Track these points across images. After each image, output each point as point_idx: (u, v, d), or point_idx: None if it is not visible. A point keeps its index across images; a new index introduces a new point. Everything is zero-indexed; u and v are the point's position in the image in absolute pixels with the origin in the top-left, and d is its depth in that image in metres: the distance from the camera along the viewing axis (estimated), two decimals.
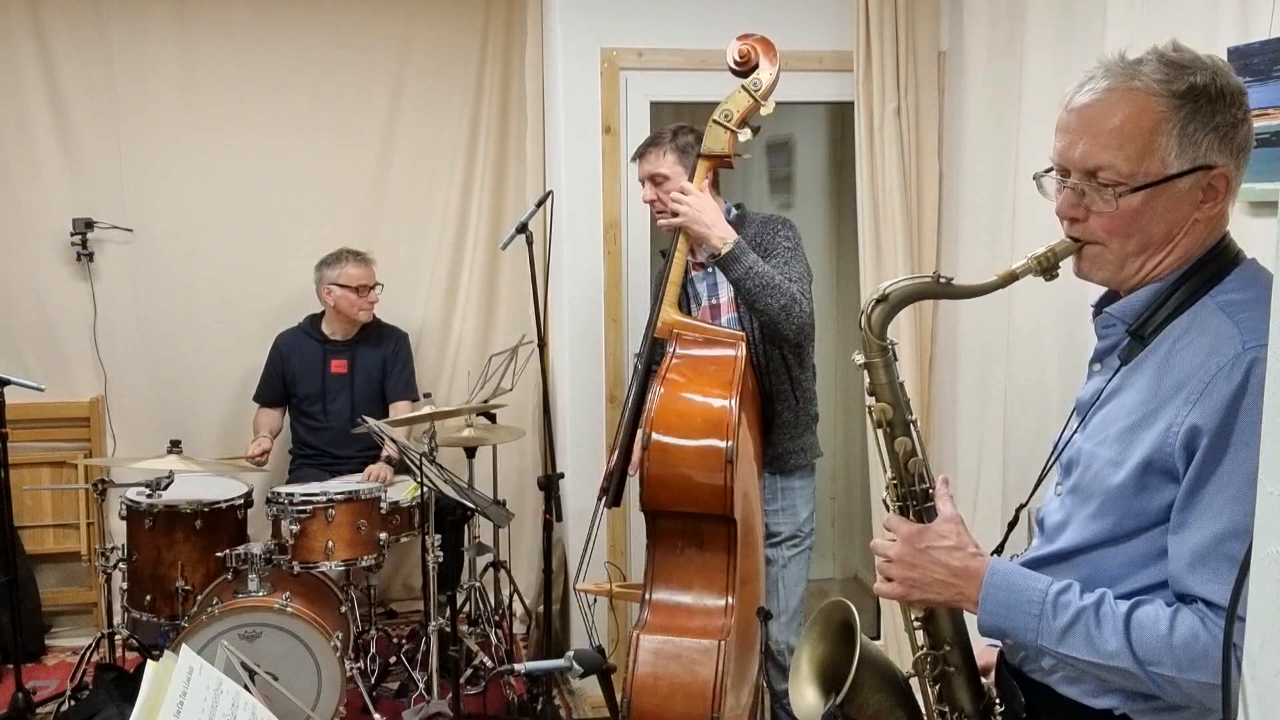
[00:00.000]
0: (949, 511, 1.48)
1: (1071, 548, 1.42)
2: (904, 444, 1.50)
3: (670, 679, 2.47)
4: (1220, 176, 1.36)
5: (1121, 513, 1.36)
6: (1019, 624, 1.38)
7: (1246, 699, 1.00)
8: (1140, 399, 1.37)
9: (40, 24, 4.30)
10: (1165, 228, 1.37)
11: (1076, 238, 1.42)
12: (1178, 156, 1.34)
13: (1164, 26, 2.72)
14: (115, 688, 3.52)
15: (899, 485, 1.51)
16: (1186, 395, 1.30)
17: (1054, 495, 1.51)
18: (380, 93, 4.57)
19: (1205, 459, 1.27)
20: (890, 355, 1.50)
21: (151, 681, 1.35)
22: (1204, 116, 1.34)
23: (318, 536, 3.65)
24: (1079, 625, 1.33)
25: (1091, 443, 1.42)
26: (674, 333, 2.81)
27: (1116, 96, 1.36)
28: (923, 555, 1.45)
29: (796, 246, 2.97)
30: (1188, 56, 1.37)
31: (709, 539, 2.62)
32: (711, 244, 2.80)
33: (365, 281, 4.21)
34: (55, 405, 4.33)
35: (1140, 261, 1.40)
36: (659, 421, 2.61)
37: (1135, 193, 1.35)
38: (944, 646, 1.52)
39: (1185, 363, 1.33)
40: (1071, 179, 1.40)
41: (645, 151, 3.09)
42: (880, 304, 1.47)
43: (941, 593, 1.44)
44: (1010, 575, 1.40)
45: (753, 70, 2.81)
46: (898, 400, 1.51)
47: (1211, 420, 1.27)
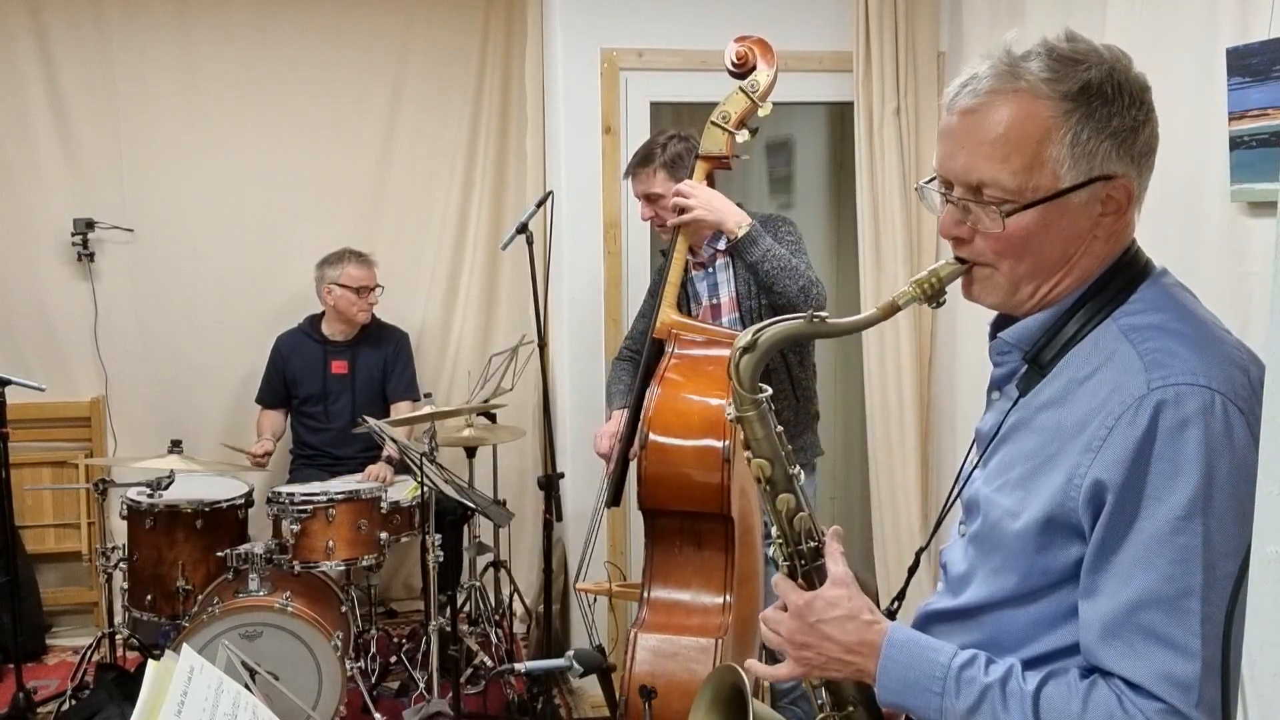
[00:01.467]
0: (839, 572, 1.32)
1: (975, 604, 1.28)
2: (786, 501, 1.35)
3: (668, 677, 2.48)
4: (1121, 187, 1.21)
5: (1025, 570, 1.22)
6: (920, 701, 1.23)
7: (1246, 699, 1.00)
8: (1040, 441, 1.22)
9: (40, 24, 4.30)
10: (1061, 247, 1.22)
11: (963, 259, 1.27)
12: (1071, 168, 1.18)
13: (1164, 26, 2.72)
14: (116, 687, 3.52)
15: (785, 545, 1.36)
16: (1088, 441, 1.16)
17: (958, 536, 1.36)
18: (380, 93, 4.57)
19: (1112, 518, 1.14)
20: (764, 406, 1.35)
21: (152, 681, 1.36)
22: (1099, 120, 1.18)
23: (318, 536, 3.66)
24: (985, 705, 1.19)
25: (990, 486, 1.28)
26: (673, 333, 2.82)
27: (999, 100, 1.20)
28: (813, 631, 1.29)
29: (799, 243, 2.98)
30: (1082, 48, 1.21)
31: (707, 538, 2.63)
32: (728, 229, 2.82)
33: (366, 283, 4.21)
34: (56, 405, 4.33)
35: (1034, 285, 1.25)
36: (657, 421, 2.62)
37: (1025, 210, 1.19)
38: (848, 706, 1.38)
39: (1087, 400, 1.18)
40: (955, 193, 1.24)
41: (635, 172, 3.09)
42: (748, 353, 1.33)
43: (839, 670, 1.30)
44: (908, 647, 1.25)
45: (750, 72, 2.81)
46: (777, 454, 1.36)
47: (1116, 474, 1.13)
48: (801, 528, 1.35)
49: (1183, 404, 1.12)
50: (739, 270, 2.96)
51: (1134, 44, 1.40)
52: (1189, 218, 2.62)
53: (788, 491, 1.36)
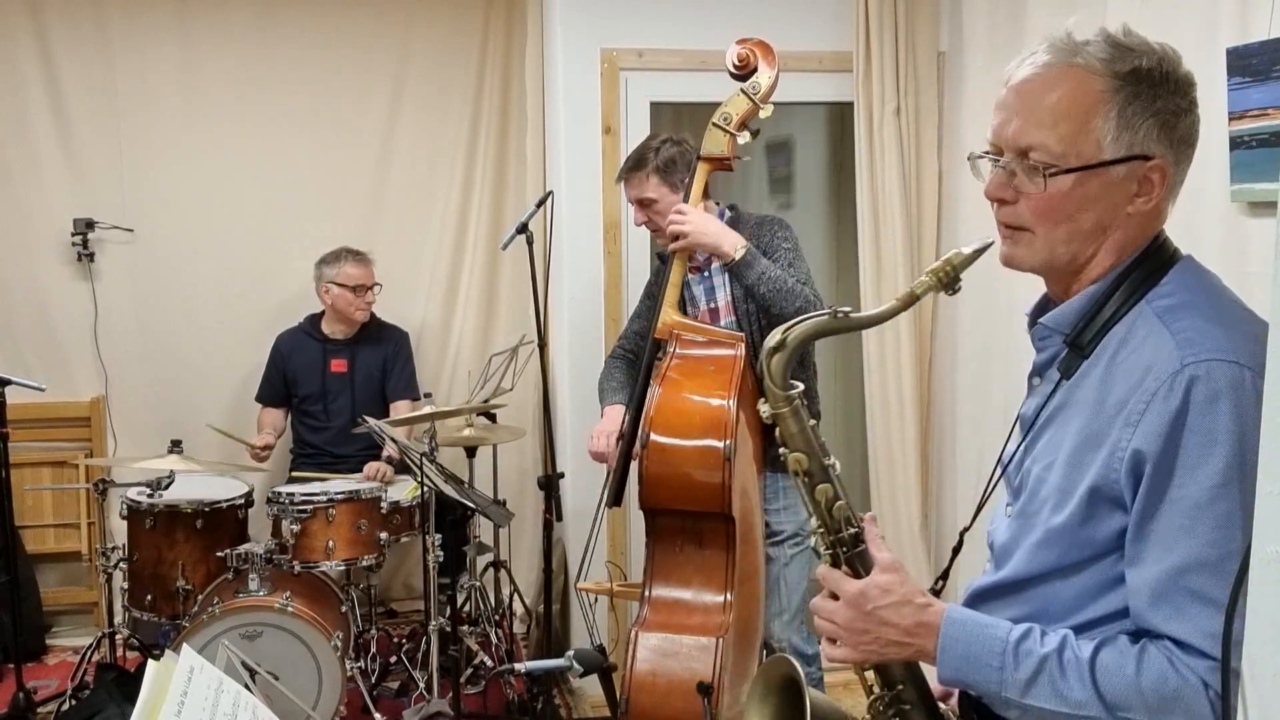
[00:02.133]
0: (886, 558, 1.38)
1: (1021, 578, 1.35)
2: (825, 491, 1.42)
3: (668, 676, 2.48)
4: (1157, 169, 1.29)
5: (1068, 544, 1.29)
6: (980, 676, 1.30)
7: (1246, 699, 1.00)
8: (1084, 419, 1.30)
9: (40, 24, 4.30)
10: (1095, 217, 1.30)
11: (1006, 223, 1.35)
12: (1114, 141, 1.27)
13: (1164, 26, 2.72)
14: (116, 687, 3.52)
15: (826, 533, 1.42)
16: (1127, 416, 1.23)
17: (1004, 515, 1.44)
18: (380, 93, 4.57)
19: (1152, 486, 1.21)
20: (798, 403, 1.42)
21: (152, 681, 1.36)
22: (1145, 100, 1.27)
23: (318, 536, 3.66)
24: (1043, 675, 1.26)
25: (1039, 465, 1.35)
26: (674, 333, 2.82)
27: (1056, 73, 1.29)
28: (871, 618, 1.34)
29: (796, 248, 2.97)
30: (1136, 40, 1.30)
31: (708, 537, 2.63)
32: (724, 253, 2.81)
33: (363, 281, 4.21)
34: (56, 405, 4.33)
35: (1070, 251, 1.32)
36: (658, 421, 2.62)
37: (1065, 174, 1.28)
38: (897, 685, 1.43)
39: (1125, 378, 1.26)
40: (1004, 158, 1.33)
41: (628, 177, 3.07)
42: (778, 352, 1.40)
43: (898, 653, 1.36)
44: (967, 625, 1.32)
45: (751, 74, 2.81)
46: (812, 447, 1.42)
47: (1154, 444, 1.20)
48: (841, 516, 1.41)
49: (1214, 378, 1.19)
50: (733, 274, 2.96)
51: None
52: (1189, 218, 2.62)
53: (825, 482, 1.42)
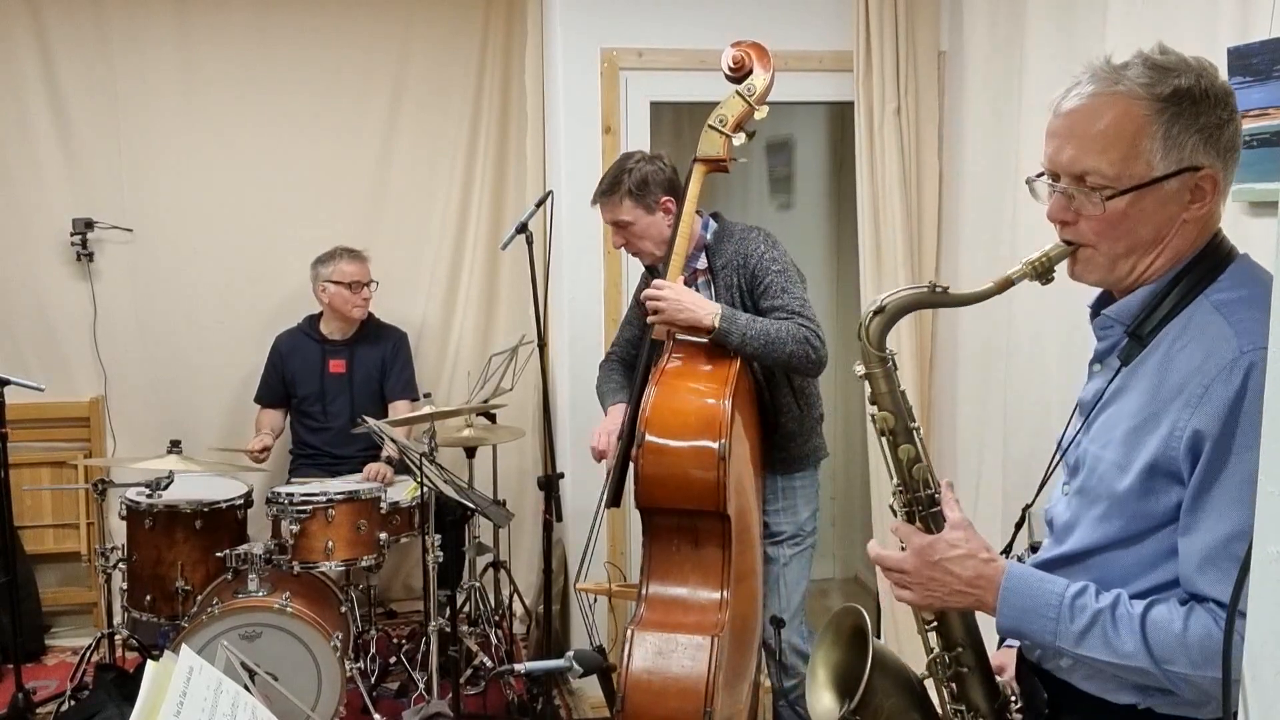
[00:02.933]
0: (957, 517, 1.49)
1: (1082, 549, 1.44)
2: (908, 451, 1.51)
3: (664, 674, 2.48)
4: (1207, 178, 1.37)
5: (1129, 515, 1.38)
6: (1036, 627, 1.40)
7: (1246, 699, 1.00)
8: (1142, 401, 1.38)
9: (40, 24, 4.30)
10: (1153, 229, 1.39)
11: (1069, 241, 1.44)
12: (1163, 159, 1.36)
13: (1164, 26, 2.72)
14: (115, 688, 3.52)
15: (904, 492, 1.52)
16: (1187, 399, 1.32)
17: (1061, 495, 1.53)
18: (380, 93, 4.57)
19: (1210, 463, 1.29)
20: (890, 365, 1.52)
21: (151, 681, 1.35)
22: (1188, 118, 1.35)
23: (318, 536, 3.65)
24: (1096, 627, 1.35)
25: (1097, 445, 1.44)
26: (670, 334, 2.82)
27: (1101, 101, 1.38)
28: (937, 567, 1.46)
29: (785, 268, 2.90)
30: (1173, 59, 1.38)
31: (704, 535, 2.63)
32: (703, 325, 2.75)
33: (359, 278, 4.21)
34: (55, 405, 4.33)
35: (1131, 263, 1.42)
36: (653, 421, 2.63)
37: (1122, 195, 1.37)
38: (957, 648, 1.54)
39: (1184, 364, 1.35)
40: (1061, 183, 1.42)
41: (603, 200, 3.03)
42: (878, 315, 1.49)
43: (960, 601, 1.46)
44: (1026, 579, 1.42)
45: (746, 76, 2.81)
46: (899, 408, 1.52)
47: (1213, 425, 1.29)
48: (919, 476, 1.51)
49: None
50: (720, 289, 2.94)
51: (1134, 44, 1.43)
52: None
53: (908, 443, 1.51)
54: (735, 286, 2.90)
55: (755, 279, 2.87)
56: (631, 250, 3.07)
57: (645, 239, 2.99)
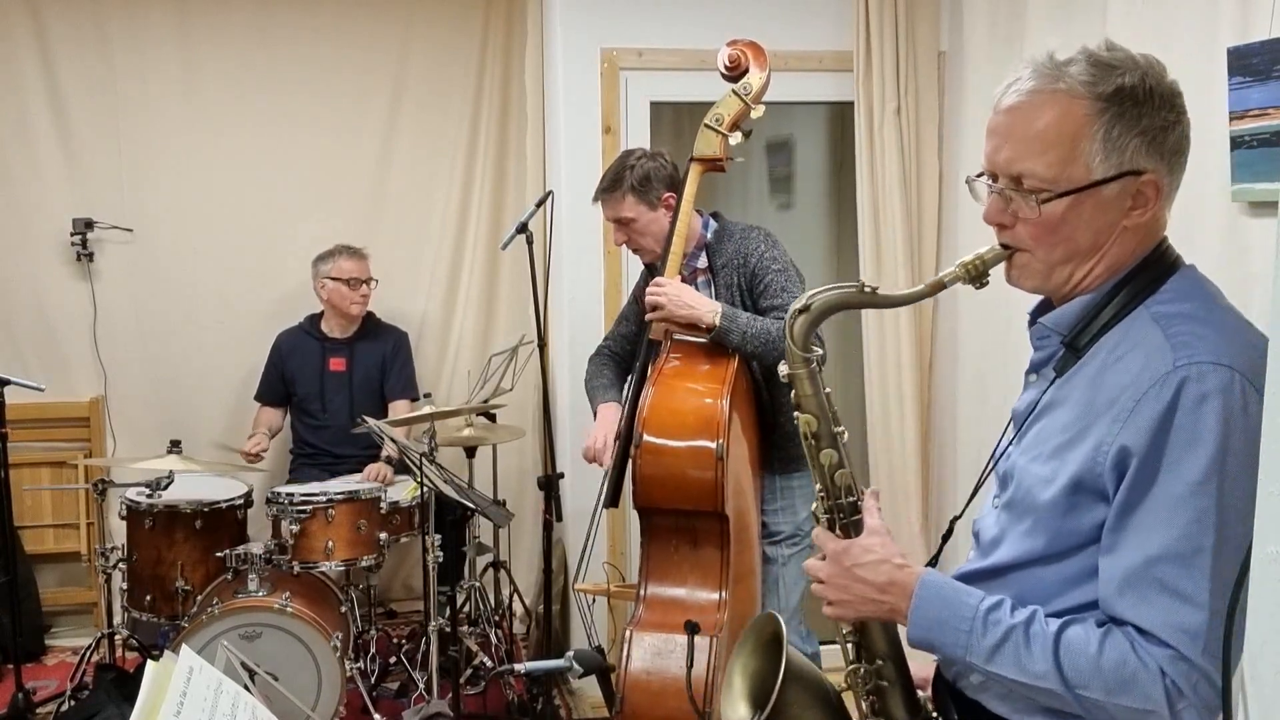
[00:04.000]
0: (874, 523, 1.45)
1: (1005, 564, 1.39)
2: (830, 456, 1.46)
3: (662, 675, 2.48)
4: (1150, 183, 1.31)
5: (1053, 532, 1.33)
6: (948, 639, 1.34)
7: (1246, 699, 1.00)
8: (1073, 415, 1.33)
9: (40, 24, 4.30)
10: (1092, 235, 1.33)
11: (1006, 244, 1.38)
12: (1103, 162, 1.29)
13: (1164, 26, 2.72)
14: (115, 688, 3.52)
15: (826, 498, 1.47)
16: (1116, 413, 1.27)
17: (991, 508, 1.47)
18: (380, 93, 4.57)
19: (1135, 481, 1.25)
20: (814, 366, 1.46)
21: (151, 681, 1.36)
22: (1130, 119, 1.29)
23: (318, 536, 3.65)
24: (1008, 644, 1.30)
25: (1026, 458, 1.39)
26: (668, 334, 2.82)
27: (1041, 99, 1.31)
28: (849, 574, 1.41)
29: (785, 267, 2.91)
30: (1119, 56, 1.32)
31: (702, 536, 2.63)
32: (704, 323, 2.76)
33: (357, 274, 4.21)
34: (55, 405, 4.33)
35: (1068, 270, 1.36)
36: (651, 421, 2.63)
37: (1059, 199, 1.31)
38: (877, 660, 1.48)
39: (1118, 378, 1.29)
40: (998, 184, 1.36)
41: (604, 197, 3.02)
42: (803, 314, 1.44)
43: (873, 610, 1.41)
44: (940, 589, 1.37)
45: (743, 75, 2.81)
46: (824, 412, 1.47)
47: (1141, 441, 1.24)
48: (842, 483, 1.46)
49: (1204, 380, 1.22)
50: (720, 288, 2.94)
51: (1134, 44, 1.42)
52: (1189, 218, 2.62)
53: (831, 447, 1.47)
54: (735, 286, 2.90)
55: (755, 278, 2.88)
56: (633, 247, 3.07)
57: (647, 235, 2.99)
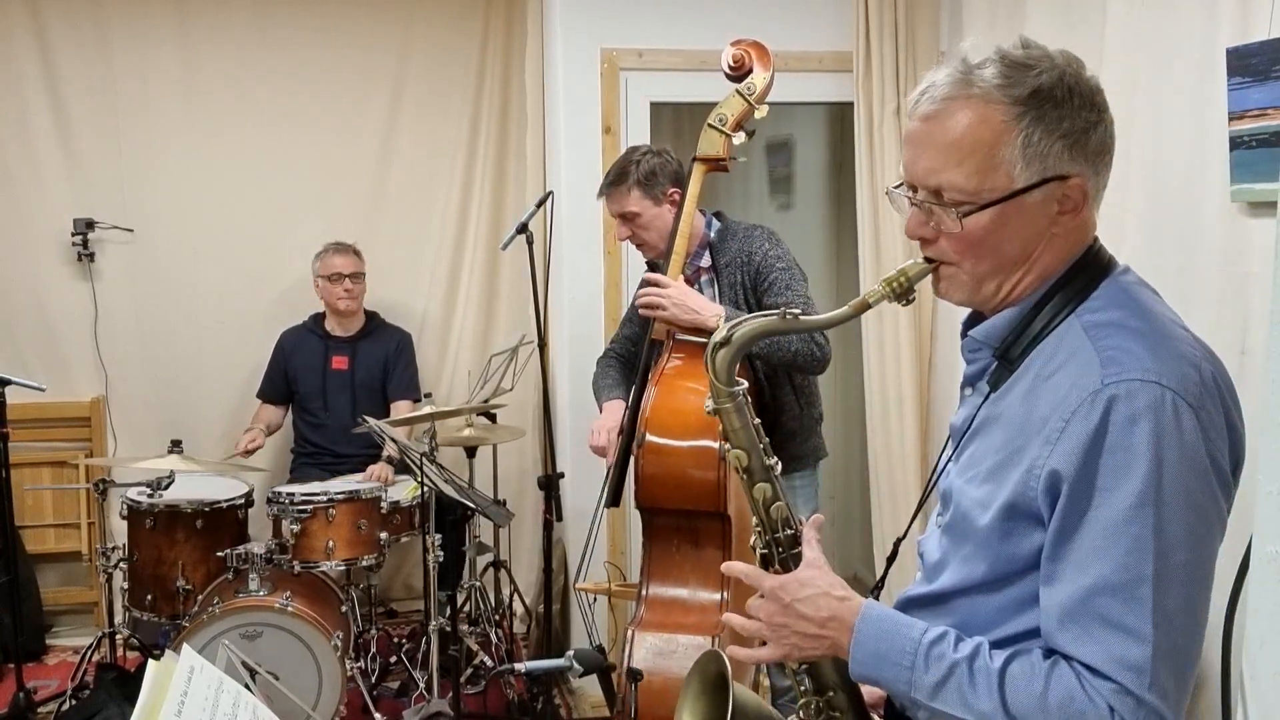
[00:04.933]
0: (813, 556, 1.38)
1: (947, 590, 1.34)
2: (764, 490, 1.40)
3: (664, 675, 2.48)
4: (1076, 186, 1.25)
5: (992, 558, 1.28)
6: (890, 675, 1.28)
7: (1246, 699, 1.00)
8: (1007, 435, 1.28)
9: (40, 24, 4.30)
10: (1019, 245, 1.27)
11: (930, 258, 1.32)
12: (1024, 169, 1.23)
13: (1163, 26, 2.72)
14: (116, 687, 3.52)
15: (764, 533, 1.41)
16: (1047, 434, 1.21)
17: (934, 527, 1.42)
18: (380, 93, 4.57)
19: (1068, 508, 1.19)
20: (741, 399, 1.40)
21: (152, 681, 1.36)
22: (1050, 122, 1.23)
23: (318, 536, 3.65)
24: (952, 680, 1.24)
25: (963, 479, 1.33)
26: (670, 334, 2.82)
27: (955, 106, 1.25)
28: (788, 611, 1.34)
29: (789, 266, 2.91)
30: (1035, 54, 1.26)
31: (704, 536, 2.63)
32: (708, 326, 2.73)
33: (340, 270, 4.21)
34: (56, 405, 4.33)
35: (996, 282, 1.30)
36: (653, 421, 2.63)
37: (981, 210, 1.25)
38: (828, 691, 1.42)
39: (1049, 395, 1.23)
40: (919, 195, 1.30)
41: (609, 192, 3.01)
42: (723, 348, 1.38)
43: (814, 646, 1.34)
44: (881, 622, 1.30)
45: (746, 75, 2.80)
46: (754, 444, 1.41)
47: (1071, 465, 1.18)
48: (778, 516, 1.40)
49: (1134, 399, 1.17)
50: (724, 287, 2.94)
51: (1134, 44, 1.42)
52: (1189, 218, 2.62)
53: (764, 481, 1.41)
54: (739, 284, 2.91)
55: (759, 276, 2.88)
56: (636, 243, 3.06)
57: (651, 231, 2.99)
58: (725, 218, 3.05)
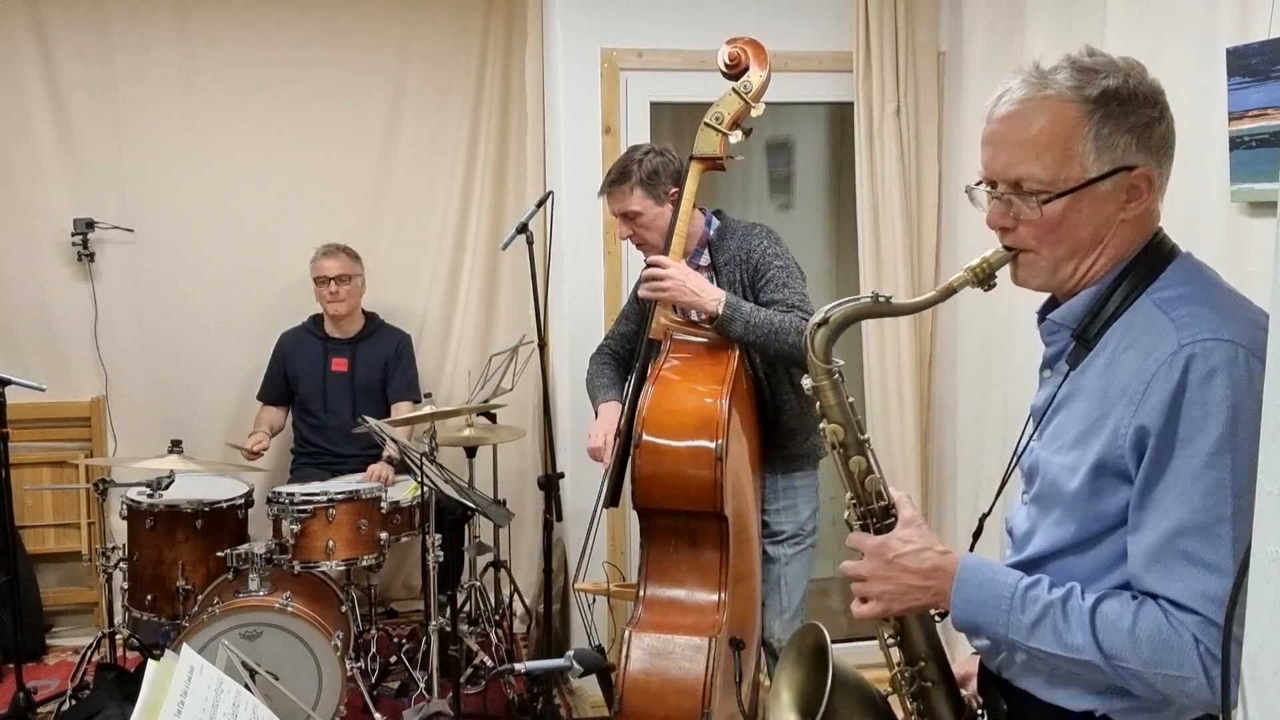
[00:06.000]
0: (908, 515, 1.50)
1: (1039, 555, 1.44)
2: (859, 463, 1.52)
3: (661, 676, 2.48)
4: (1142, 176, 1.39)
5: (1082, 518, 1.39)
6: (989, 618, 1.40)
7: (1246, 699, 1.00)
8: (1089, 405, 1.39)
9: (40, 24, 4.30)
10: (1091, 230, 1.40)
11: (1010, 246, 1.45)
12: (1096, 160, 1.37)
13: (1163, 26, 2.72)
14: (116, 687, 3.52)
15: (858, 504, 1.53)
16: (1130, 397, 1.33)
17: (1020, 504, 1.54)
18: (380, 93, 4.57)
19: (1154, 458, 1.30)
20: (837, 377, 1.52)
21: (152, 681, 1.36)
22: (1118, 119, 1.37)
23: (318, 536, 3.65)
24: (1046, 619, 1.35)
25: (1048, 450, 1.45)
26: (668, 334, 2.82)
27: (1032, 106, 1.40)
28: (892, 566, 1.46)
29: (788, 264, 2.91)
30: (1101, 61, 1.40)
31: (701, 536, 2.63)
32: (707, 310, 2.75)
33: (327, 273, 4.21)
34: (56, 405, 4.33)
35: (1073, 265, 1.43)
36: (650, 421, 2.62)
37: (1058, 199, 1.38)
38: (919, 662, 1.53)
39: (1128, 365, 1.36)
40: (998, 189, 1.44)
41: (611, 190, 3.01)
42: (822, 328, 1.51)
43: (919, 598, 1.46)
44: (980, 571, 1.42)
45: (743, 73, 2.80)
46: (849, 420, 1.53)
47: (1156, 419, 1.30)
48: (873, 489, 1.52)
49: (1210, 356, 1.28)
50: (723, 285, 2.93)
51: (1134, 44, 1.45)
52: (1189, 218, 2.62)
53: (859, 455, 1.53)
54: (738, 282, 2.91)
55: (758, 272, 2.88)
56: (637, 242, 3.06)
57: (652, 230, 2.99)
58: (725, 216, 3.05)
